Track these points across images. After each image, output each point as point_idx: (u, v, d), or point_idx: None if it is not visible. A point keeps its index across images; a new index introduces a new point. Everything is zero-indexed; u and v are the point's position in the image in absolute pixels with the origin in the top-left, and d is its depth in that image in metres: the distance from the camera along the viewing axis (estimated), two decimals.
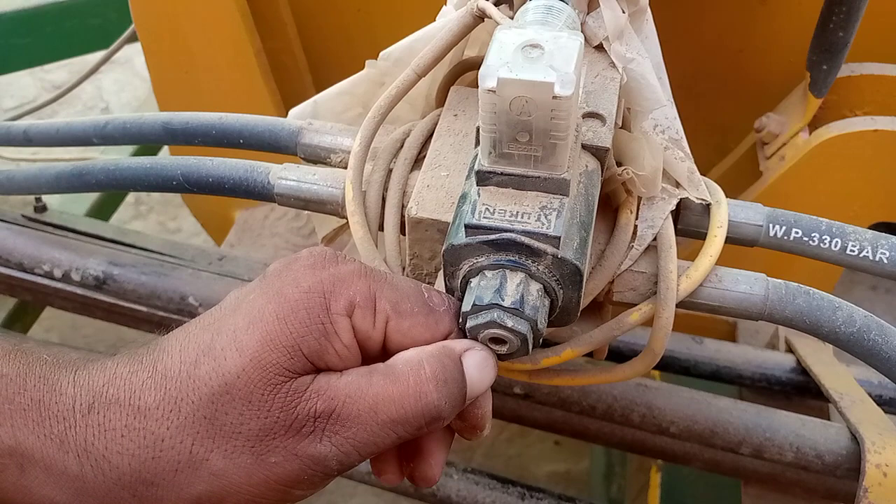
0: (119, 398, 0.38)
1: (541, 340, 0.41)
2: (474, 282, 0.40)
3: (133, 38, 1.27)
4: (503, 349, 0.40)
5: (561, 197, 0.40)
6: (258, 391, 0.37)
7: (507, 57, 0.36)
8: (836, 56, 0.83)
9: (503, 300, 0.39)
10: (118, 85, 2.34)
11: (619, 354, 0.84)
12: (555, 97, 0.35)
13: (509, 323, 0.39)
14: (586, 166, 0.44)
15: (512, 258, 0.40)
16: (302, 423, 0.38)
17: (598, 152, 0.45)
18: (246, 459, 0.38)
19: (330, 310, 0.39)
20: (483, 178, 0.40)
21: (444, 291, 0.43)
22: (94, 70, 1.40)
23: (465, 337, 0.42)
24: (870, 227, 0.91)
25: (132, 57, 2.10)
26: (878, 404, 0.78)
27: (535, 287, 0.40)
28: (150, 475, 0.37)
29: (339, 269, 0.40)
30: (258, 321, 0.38)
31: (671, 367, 0.88)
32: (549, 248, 0.39)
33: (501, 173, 0.40)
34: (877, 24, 0.87)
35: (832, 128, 0.88)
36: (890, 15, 0.90)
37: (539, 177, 0.39)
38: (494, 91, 0.36)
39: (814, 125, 0.91)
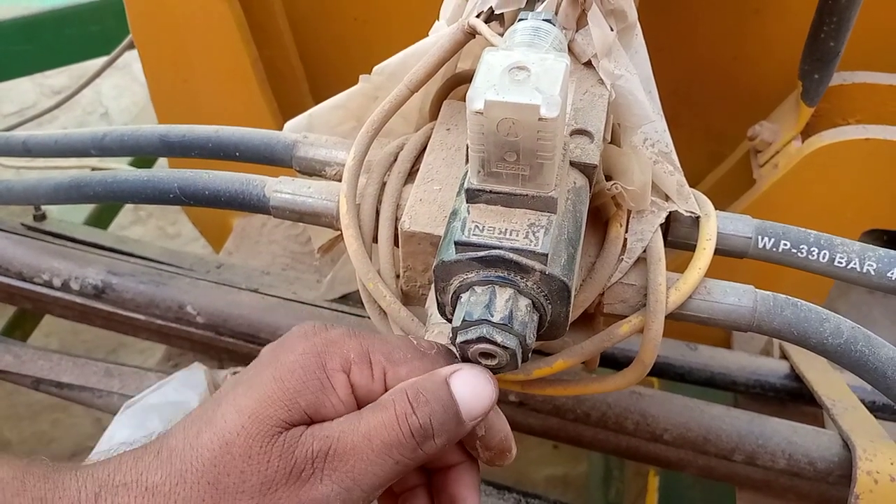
0: (126, 482, 0.38)
1: (530, 355, 0.42)
2: (464, 297, 0.41)
3: (133, 45, 1.28)
4: (493, 363, 0.41)
5: (549, 214, 0.41)
6: (256, 445, 0.38)
7: (494, 79, 0.37)
8: (827, 65, 0.84)
9: (492, 316, 0.40)
10: (117, 90, 2.35)
11: (614, 361, 0.84)
12: (541, 119, 0.36)
13: (498, 338, 0.39)
14: (574, 183, 0.45)
15: (501, 274, 0.40)
16: (301, 468, 0.38)
17: (585, 169, 0.46)
18: None
19: (326, 367, 0.40)
20: (472, 196, 0.41)
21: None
22: (95, 76, 1.40)
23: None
24: (862, 235, 0.93)
25: (131, 62, 2.11)
26: (872, 411, 0.79)
27: (523, 303, 0.40)
28: None
29: (330, 334, 0.41)
30: (256, 385, 0.39)
31: (666, 373, 0.89)
32: (537, 265, 0.40)
33: (490, 191, 0.41)
34: (868, 33, 0.88)
35: (824, 136, 0.88)
36: (881, 24, 0.91)
37: (527, 195, 0.40)
38: (482, 113, 0.37)
39: (807, 133, 0.92)
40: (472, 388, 0.40)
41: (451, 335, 0.42)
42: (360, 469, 0.38)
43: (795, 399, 0.87)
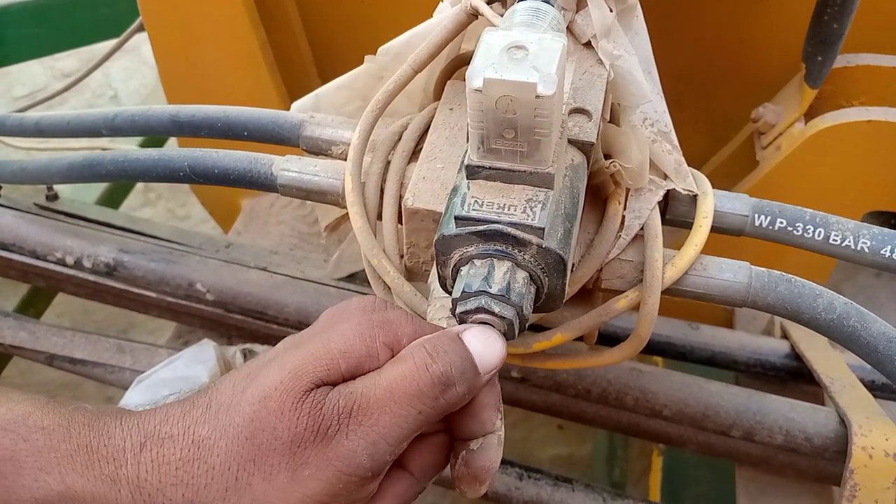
0: (173, 434, 0.39)
1: (527, 325, 0.43)
2: (464, 270, 0.42)
3: (142, 28, 1.29)
4: None
5: (546, 190, 0.42)
6: (289, 401, 0.38)
7: (493, 58, 0.38)
8: (830, 48, 0.84)
9: (490, 287, 0.41)
10: (126, 73, 2.36)
11: (615, 339, 0.86)
12: (538, 96, 0.37)
13: (496, 309, 0.41)
14: (572, 160, 0.46)
15: (499, 248, 0.42)
16: (328, 425, 0.38)
17: (583, 147, 0.47)
18: (282, 478, 0.38)
19: (378, 338, 0.41)
20: (472, 172, 0.42)
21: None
22: (105, 59, 1.42)
23: None
24: (863, 216, 0.94)
25: (140, 45, 2.11)
26: (871, 389, 0.80)
27: (521, 275, 0.42)
28: None
29: (389, 314, 0.42)
30: (304, 345, 0.41)
31: (668, 352, 0.90)
32: (534, 239, 0.41)
33: (489, 167, 0.42)
34: (872, 15, 0.88)
35: (827, 118, 0.89)
36: (885, 6, 0.91)
37: (525, 171, 0.41)
38: (481, 91, 0.38)
39: (810, 115, 0.92)
40: (483, 342, 0.41)
41: (451, 307, 0.43)
42: (384, 422, 0.39)
43: (796, 378, 0.88)
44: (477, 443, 0.43)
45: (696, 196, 0.56)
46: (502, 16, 0.49)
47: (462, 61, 0.60)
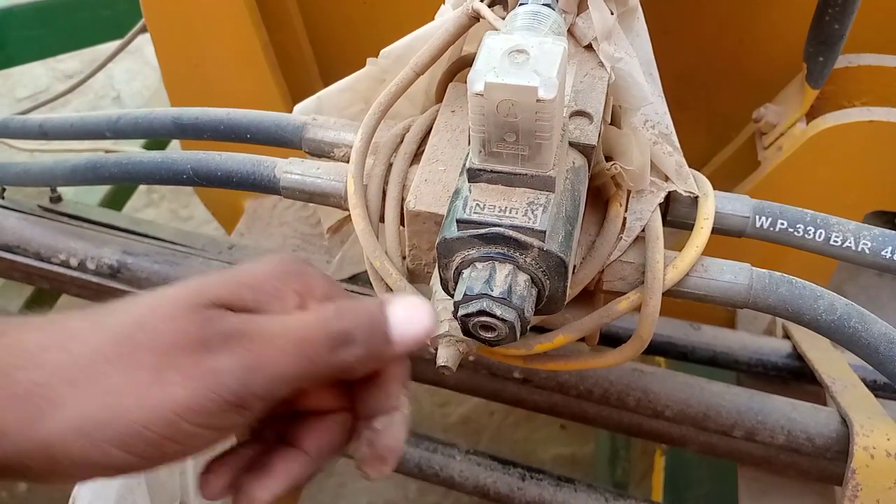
0: (42, 325, 0.37)
1: (528, 328, 0.43)
2: (466, 273, 0.43)
3: (145, 29, 1.29)
4: (492, 336, 0.43)
5: (547, 193, 0.42)
6: (181, 310, 0.37)
7: (494, 62, 0.38)
8: (832, 48, 0.84)
9: (492, 290, 0.41)
10: (129, 74, 2.36)
11: (618, 340, 0.86)
12: (538, 100, 0.37)
13: (498, 311, 0.41)
14: (573, 163, 0.46)
15: (501, 251, 0.42)
16: (212, 339, 0.37)
17: (584, 149, 0.47)
18: (144, 377, 0.36)
19: (287, 282, 0.40)
20: (474, 176, 0.43)
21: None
22: (108, 60, 1.42)
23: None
24: (865, 216, 0.94)
25: (143, 46, 2.12)
26: (873, 389, 0.80)
27: (522, 278, 0.42)
28: (45, 389, 0.35)
29: (306, 267, 0.42)
30: (214, 273, 0.40)
31: (669, 353, 0.90)
32: (536, 242, 0.41)
33: (491, 171, 0.42)
34: (875, 15, 0.88)
35: (828, 118, 0.89)
36: (887, 6, 0.91)
37: (526, 174, 0.42)
38: (482, 95, 0.38)
39: (812, 115, 0.92)
40: (405, 312, 0.40)
41: (453, 310, 0.43)
42: (267, 353, 0.37)
43: (797, 378, 0.88)
44: (381, 422, 0.42)
45: (697, 198, 0.56)
46: (504, 19, 0.50)
47: (464, 64, 0.60)
